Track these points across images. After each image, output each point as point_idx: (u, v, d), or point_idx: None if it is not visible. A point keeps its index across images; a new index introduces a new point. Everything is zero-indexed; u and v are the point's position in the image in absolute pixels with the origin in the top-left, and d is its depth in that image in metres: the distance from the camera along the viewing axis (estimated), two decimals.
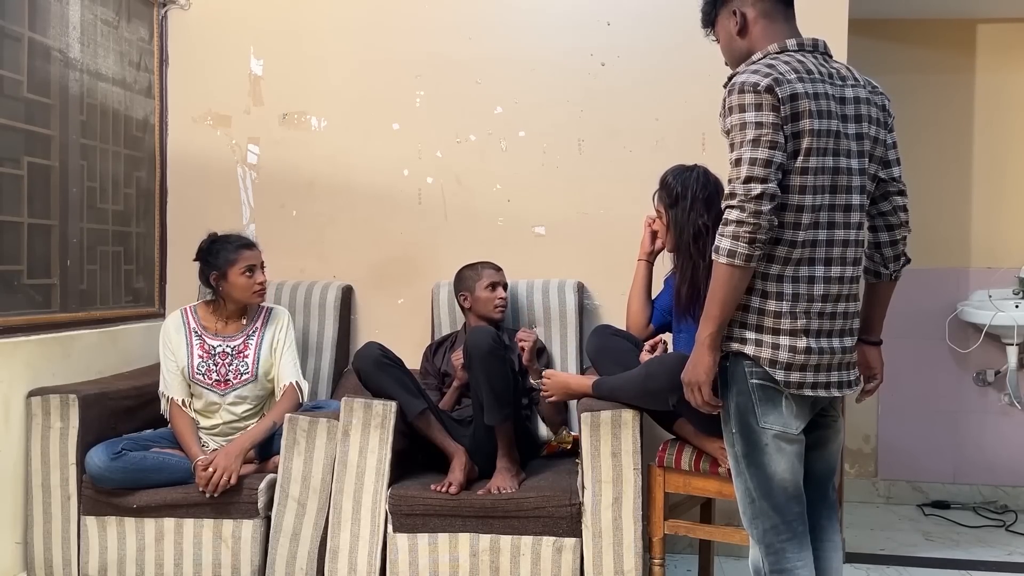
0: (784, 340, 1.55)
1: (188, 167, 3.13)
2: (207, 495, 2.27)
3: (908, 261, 1.76)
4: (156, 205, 3.09)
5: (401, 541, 2.25)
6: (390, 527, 2.26)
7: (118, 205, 2.86)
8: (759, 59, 1.60)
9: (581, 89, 2.97)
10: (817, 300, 1.56)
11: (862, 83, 1.62)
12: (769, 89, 1.49)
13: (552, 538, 2.19)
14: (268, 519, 2.33)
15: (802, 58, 1.58)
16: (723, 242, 1.50)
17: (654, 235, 2.38)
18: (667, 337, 2.37)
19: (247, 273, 2.51)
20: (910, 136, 1.74)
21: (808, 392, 1.57)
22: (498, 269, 2.73)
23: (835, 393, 1.60)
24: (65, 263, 2.58)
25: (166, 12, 3.11)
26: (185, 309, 2.61)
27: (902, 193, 1.69)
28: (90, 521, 2.35)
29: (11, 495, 2.31)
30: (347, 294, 3.03)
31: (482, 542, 2.22)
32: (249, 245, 2.55)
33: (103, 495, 2.32)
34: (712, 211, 2.16)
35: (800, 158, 1.51)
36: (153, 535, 2.33)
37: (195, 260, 2.54)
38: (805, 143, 1.51)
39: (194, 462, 2.33)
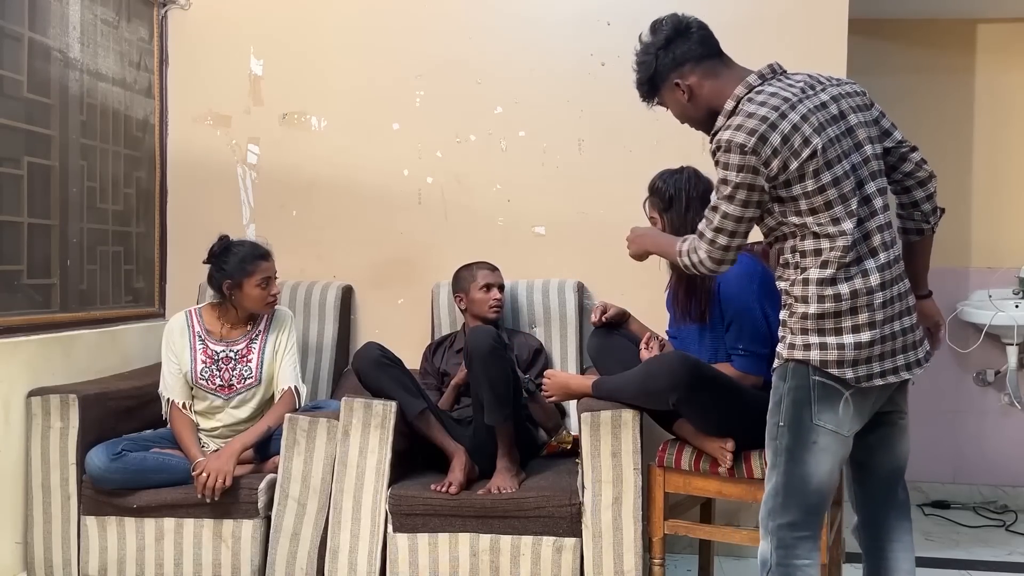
0: (848, 338, 1.57)
1: (188, 167, 3.13)
2: (206, 500, 2.26)
3: (943, 211, 1.78)
4: (156, 205, 3.09)
5: (401, 541, 2.25)
6: (390, 527, 2.26)
7: (118, 205, 2.86)
8: (734, 108, 1.63)
9: (581, 89, 2.96)
10: (876, 291, 1.58)
11: (827, 82, 1.66)
12: (755, 150, 1.55)
13: (552, 538, 2.19)
14: (268, 519, 2.33)
15: (774, 90, 1.61)
16: (683, 258, 1.72)
17: (602, 312, 2.38)
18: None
19: (262, 285, 2.50)
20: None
21: (878, 382, 1.59)
22: (493, 269, 2.73)
23: (904, 376, 1.62)
24: (65, 263, 2.58)
25: (166, 12, 3.11)
26: (190, 311, 2.59)
27: (915, 149, 1.72)
28: (90, 521, 2.35)
29: (11, 495, 2.31)
30: (347, 294, 3.03)
31: (482, 542, 2.22)
32: (266, 256, 2.53)
33: (103, 495, 2.32)
34: None
35: (812, 180, 1.55)
36: (153, 535, 2.33)
37: (206, 263, 2.53)
38: (814, 165, 1.55)
39: (192, 464, 2.33)
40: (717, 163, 1.61)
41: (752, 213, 1.62)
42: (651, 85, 1.77)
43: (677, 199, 2.17)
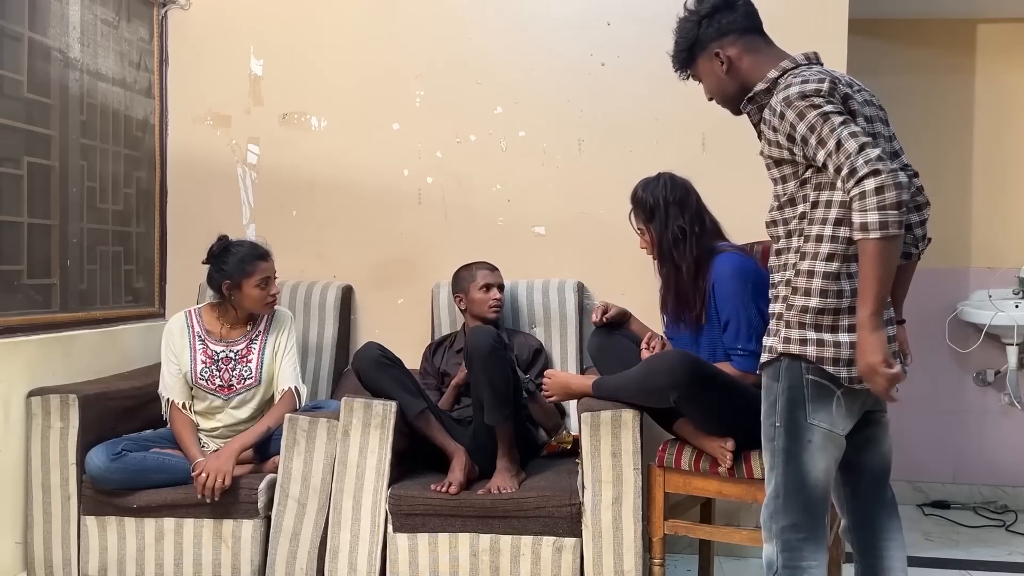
0: (843, 337, 1.57)
1: (188, 167, 3.13)
2: (206, 500, 2.26)
3: (931, 240, 1.79)
4: (156, 205, 3.09)
5: (401, 541, 2.26)
6: (390, 527, 2.26)
7: (118, 205, 2.86)
8: (778, 77, 1.62)
9: (581, 89, 2.96)
10: None
11: (862, 86, 1.68)
12: (830, 92, 1.53)
13: (552, 538, 2.19)
14: (268, 519, 2.33)
15: (821, 68, 1.62)
16: (870, 217, 1.43)
17: (604, 312, 2.38)
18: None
19: (262, 285, 2.49)
20: (910, 137, 1.76)
21: (867, 384, 1.58)
22: (493, 269, 2.73)
23: None
24: (65, 263, 2.58)
25: (166, 12, 3.11)
26: (190, 312, 2.59)
27: (916, 175, 1.73)
28: (90, 521, 2.35)
29: (11, 495, 2.31)
30: (347, 294, 3.03)
31: (482, 542, 2.22)
32: (265, 256, 2.52)
33: (103, 495, 2.32)
34: (686, 213, 2.18)
35: None
36: (153, 535, 2.33)
37: (205, 263, 2.53)
38: None
39: (192, 464, 2.33)
40: (801, 115, 1.52)
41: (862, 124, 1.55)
42: (689, 53, 1.75)
43: (657, 208, 2.20)
